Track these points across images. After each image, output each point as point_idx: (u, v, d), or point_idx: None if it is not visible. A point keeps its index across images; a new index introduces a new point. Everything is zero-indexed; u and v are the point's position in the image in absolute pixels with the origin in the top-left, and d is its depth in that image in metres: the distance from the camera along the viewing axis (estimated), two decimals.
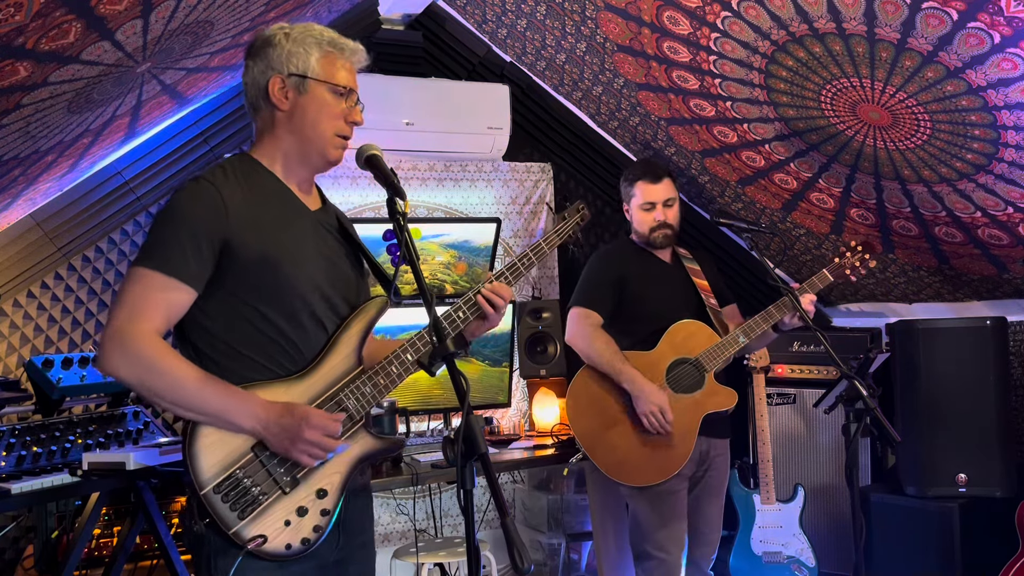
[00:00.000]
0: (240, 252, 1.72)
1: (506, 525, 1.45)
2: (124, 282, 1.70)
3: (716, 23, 2.79)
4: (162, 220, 1.72)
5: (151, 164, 3.48)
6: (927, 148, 2.88)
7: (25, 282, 3.38)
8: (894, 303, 4.12)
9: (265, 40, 1.83)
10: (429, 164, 4.03)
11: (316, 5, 3.03)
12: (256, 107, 1.85)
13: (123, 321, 1.66)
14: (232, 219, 1.72)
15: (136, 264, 1.70)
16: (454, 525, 4.02)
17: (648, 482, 2.97)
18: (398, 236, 1.73)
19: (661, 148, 3.94)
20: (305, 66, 1.82)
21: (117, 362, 1.65)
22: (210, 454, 1.68)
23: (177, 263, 1.68)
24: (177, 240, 1.69)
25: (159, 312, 1.68)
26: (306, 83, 1.82)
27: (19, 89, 1.89)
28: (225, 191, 1.73)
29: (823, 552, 3.69)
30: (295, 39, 1.82)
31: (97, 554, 3.18)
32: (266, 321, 1.74)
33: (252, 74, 1.84)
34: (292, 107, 1.82)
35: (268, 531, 1.69)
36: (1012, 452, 3.37)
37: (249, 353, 1.74)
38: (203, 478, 1.67)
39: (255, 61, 1.83)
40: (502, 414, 4.10)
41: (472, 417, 1.50)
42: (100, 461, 2.69)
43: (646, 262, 3.19)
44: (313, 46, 1.83)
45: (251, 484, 1.69)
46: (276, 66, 1.81)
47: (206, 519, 1.66)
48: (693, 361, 2.99)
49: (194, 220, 1.70)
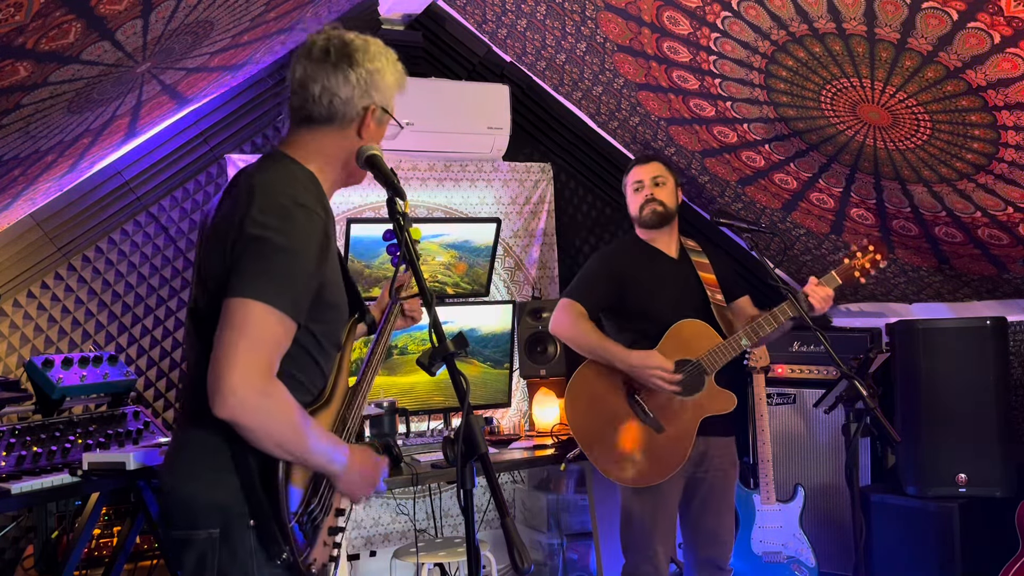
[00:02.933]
0: (325, 291, 1.69)
1: (506, 525, 1.45)
2: (240, 316, 1.54)
3: (716, 23, 2.79)
4: (281, 247, 1.58)
5: (151, 164, 3.48)
6: (927, 148, 2.88)
7: (25, 282, 3.38)
8: (894, 303, 4.12)
9: (370, 56, 1.75)
10: (429, 164, 4.04)
11: (316, 5, 3.03)
12: (334, 121, 1.74)
13: (255, 366, 1.54)
14: (327, 251, 1.66)
15: (254, 297, 1.55)
16: (454, 525, 4.02)
17: (645, 483, 2.96)
18: (398, 236, 1.73)
19: (661, 148, 3.95)
20: (390, 102, 1.79)
21: (253, 411, 1.54)
22: (296, 484, 1.68)
23: (298, 304, 1.60)
24: (297, 276, 1.59)
25: (278, 355, 1.60)
26: (385, 118, 1.79)
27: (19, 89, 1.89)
28: (327, 223, 1.67)
29: (823, 552, 3.69)
30: (392, 68, 1.78)
31: (97, 554, 3.18)
32: (319, 349, 1.74)
33: (350, 89, 1.73)
34: (366, 138, 1.77)
35: (317, 555, 1.74)
36: (1012, 452, 3.37)
37: (303, 381, 1.73)
38: (291, 510, 1.65)
39: (357, 76, 1.72)
40: (502, 414, 4.10)
41: (472, 417, 1.50)
42: (100, 461, 2.69)
43: (649, 259, 3.14)
44: (394, 80, 1.78)
45: (317, 511, 1.72)
46: (376, 95, 1.75)
47: (287, 546, 1.63)
48: (695, 362, 2.97)
49: (309, 253, 1.61)
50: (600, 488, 3.61)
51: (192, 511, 1.64)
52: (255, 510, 1.62)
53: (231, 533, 1.62)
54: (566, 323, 3.07)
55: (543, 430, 3.84)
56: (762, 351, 3.76)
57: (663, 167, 3.17)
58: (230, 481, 1.63)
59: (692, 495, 3.07)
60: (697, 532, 3.09)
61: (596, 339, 3.01)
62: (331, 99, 1.72)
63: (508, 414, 4.13)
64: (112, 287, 3.57)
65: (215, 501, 1.63)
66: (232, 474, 1.63)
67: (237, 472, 1.63)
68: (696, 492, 3.07)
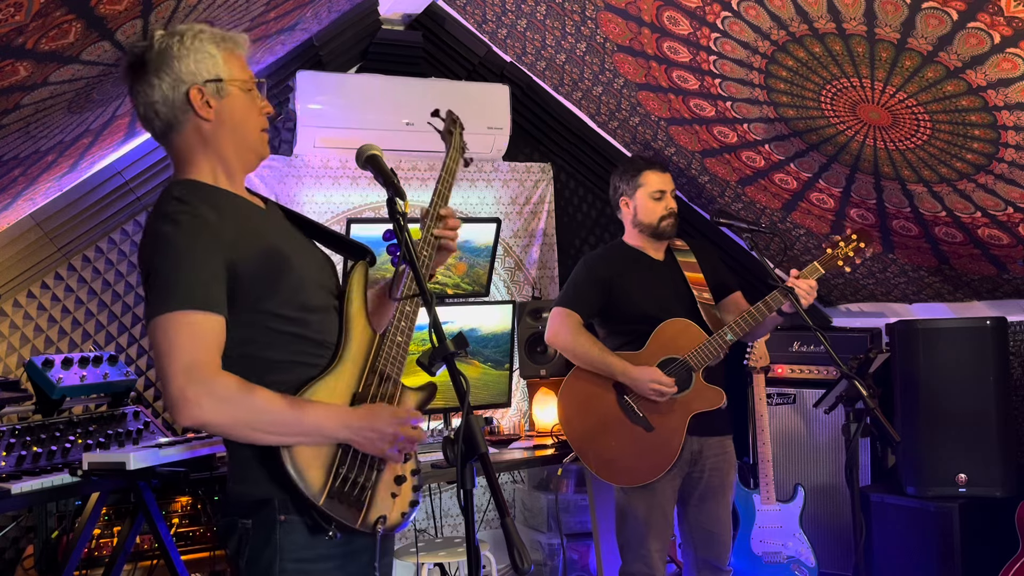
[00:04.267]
0: (244, 267, 1.69)
1: (506, 525, 1.45)
2: (159, 334, 1.60)
3: (716, 23, 2.79)
4: (166, 262, 1.63)
5: (151, 164, 3.48)
6: (927, 148, 2.88)
7: (25, 282, 3.38)
8: (894, 303, 4.12)
9: (160, 52, 1.71)
10: (429, 164, 4.03)
11: (316, 5, 3.03)
12: (173, 125, 1.74)
13: (193, 368, 1.58)
14: (225, 239, 1.67)
15: (159, 313, 1.60)
16: (454, 525, 4.02)
17: (638, 482, 2.98)
18: (398, 236, 1.73)
19: (661, 148, 3.94)
20: (216, 69, 1.74)
21: (211, 409, 1.59)
22: (311, 465, 1.68)
23: (202, 296, 1.62)
24: (191, 275, 1.62)
25: (214, 349, 1.63)
26: (223, 86, 1.74)
27: (19, 89, 1.89)
28: (206, 215, 1.68)
29: (823, 552, 3.69)
30: (192, 44, 1.72)
31: (97, 554, 3.18)
32: (288, 320, 1.74)
33: (160, 92, 1.71)
34: (218, 115, 1.74)
35: (384, 510, 1.75)
36: (1012, 452, 3.37)
37: (284, 357, 1.74)
38: (315, 490, 1.67)
39: (158, 77, 1.71)
40: (502, 414, 4.10)
41: (472, 417, 1.50)
42: (100, 461, 2.68)
43: (636, 262, 3.19)
44: (212, 46, 1.75)
45: (356, 476, 1.72)
46: (187, 77, 1.71)
47: (331, 523, 1.67)
48: (681, 360, 2.99)
49: (196, 251, 1.63)
50: (600, 488, 3.61)
51: (232, 504, 1.75)
52: (283, 505, 1.69)
53: (262, 525, 1.70)
54: (565, 335, 3.09)
55: (543, 430, 3.84)
56: (762, 351, 3.76)
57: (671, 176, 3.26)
58: (262, 479, 1.70)
59: (689, 495, 3.08)
60: (695, 532, 3.10)
61: (597, 352, 3.03)
62: (154, 110, 1.74)
63: (508, 414, 4.13)
64: (112, 287, 3.57)
65: (253, 497, 1.71)
66: (263, 471, 1.70)
67: (266, 469, 1.69)
68: (693, 492, 3.08)
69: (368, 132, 3.58)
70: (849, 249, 2.96)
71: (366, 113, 3.73)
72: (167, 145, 1.79)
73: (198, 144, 1.76)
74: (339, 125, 3.66)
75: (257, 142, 1.83)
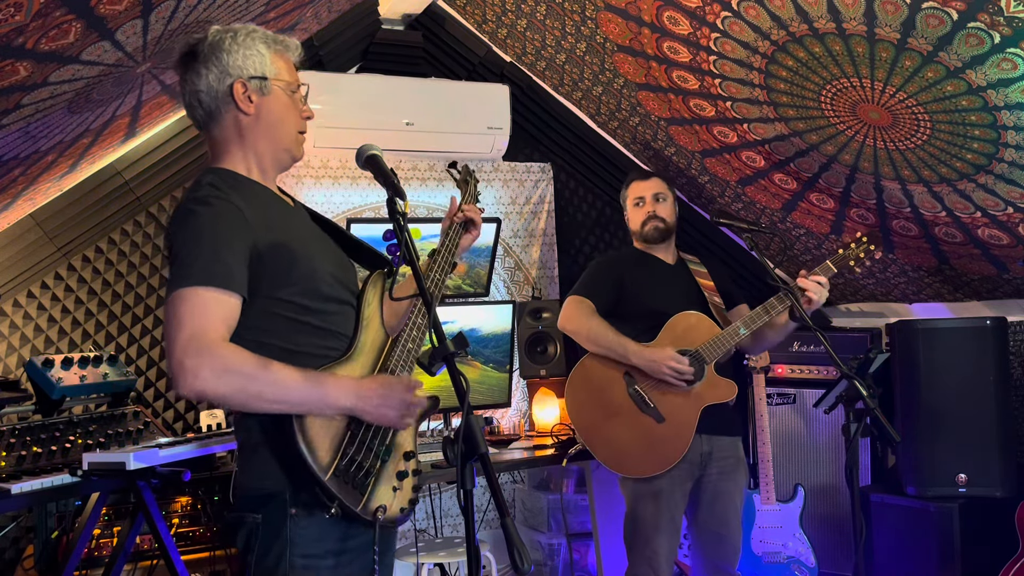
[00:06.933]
0: (268, 254, 1.73)
1: (506, 525, 1.45)
2: (170, 307, 1.63)
3: (716, 23, 2.79)
4: (190, 239, 1.67)
5: (151, 164, 3.48)
6: (927, 148, 2.88)
7: (25, 282, 3.38)
8: (894, 303, 4.12)
9: (212, 45, 1.79)
10: (429, 164, 4.03)
11: (316, 5, 3.03)
12: (213, 115, 1.81)
13: (194, 339, 1.60)
14: (252, 224, 1.72)
15: (178, 286, 1.63)
16: (454, 525, 4.02)
17: (647, 473, 2.96)
18: (398, 236, 1.74)
19: (661, 148, 3.94)
20: (263, 67, 1.81)
21: (209, 377, 1.59)
22: (320, 442, 1.69)
23: (222, 274, 1.65)
24: (214, 253, 1.65)
25: (223, 325, 1.65)
26: (267, 84, 1.81)
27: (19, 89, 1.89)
28: (236, 201, 1.72)
29: (823, 552, 3.69)
30: (243, 41, 1.80)
31: (97, 554, 3.18)
32: (306, 311, 1.77)
33: (206, 82, 1.79)
34: (257, 110, 1.81)
35: (385, 501, 1.76)
36: (1012, 452, 3.37)
37: (297, 348, 1.76)
38: (322, 464, 1.68)
39: (206, 67, 1.78)
40: (502, 414, 4.10)
41: (472, 417, 1.50)
42: (100, 461, 2.68)
43: (646, 264, 3.23)
44: (263, 46, 1.82)
45: (362, 460, 1.73)
46: (234, 71, 1.79)
47: (335, 501, 1.68)
48: (693, 352, 2.99)
49: (222, 232, 1.68)
50: (600, 488, 3.61)
51: (242, 499, 1.77)
52: (294, 499, 1.70)
53: (273, 519, 1.71)
54: (579, 319, 3.10)
55: (543, 430, 3.83)
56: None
57: (663, 183, 3.29)
58: (272, 472, 1.72)
59: (699, 498, 3.07)
60: (703, 534, 3.08)
61: (612, 335, 3.03)
62: (198, 98, 1.81)
63: (508, 414, 4.13)
64: (112, 287, 3.57)
65: (262, 490, 1.73)
66: (274, 465, 1.72)
67: (278, 462, 1.71)
68: (703, 495, 3.06)
69: (368, 132, 3.57)
70: (860, 251, 2.99)
71: (366, 113, 3.73)
72: (207, 134, 1.85)
73: (235, 136, 1.82)
74: (339, 125, 3.66)
75: (292, 143, 1.88)
